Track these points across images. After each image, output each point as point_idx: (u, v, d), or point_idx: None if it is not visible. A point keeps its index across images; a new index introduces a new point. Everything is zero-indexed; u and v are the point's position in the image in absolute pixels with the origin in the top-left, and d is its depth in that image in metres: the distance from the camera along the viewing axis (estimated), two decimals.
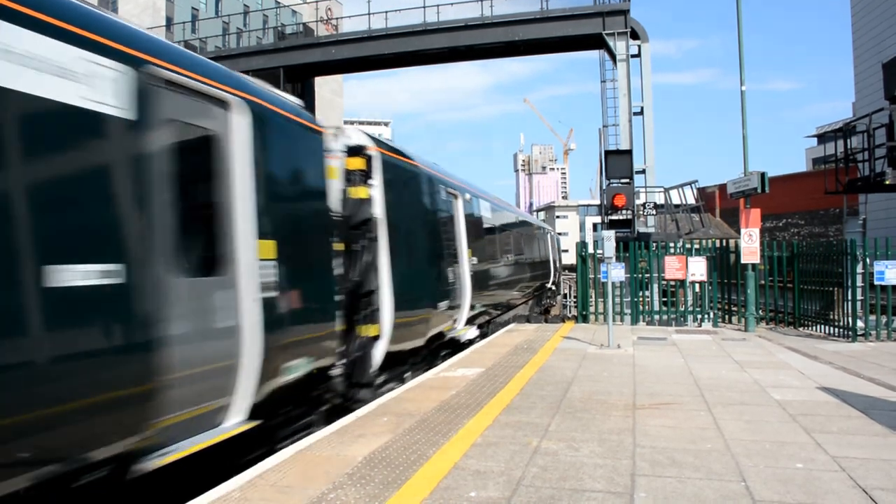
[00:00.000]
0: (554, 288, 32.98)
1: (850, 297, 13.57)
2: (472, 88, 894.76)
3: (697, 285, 16.65)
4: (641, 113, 25.61)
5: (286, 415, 6.71)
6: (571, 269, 34.38)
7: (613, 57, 26.10)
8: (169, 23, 61.70)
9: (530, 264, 24.10)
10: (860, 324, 13.50)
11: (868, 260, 13.56)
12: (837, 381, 9.13)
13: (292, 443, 6.41)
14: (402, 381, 9.74)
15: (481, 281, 14.88)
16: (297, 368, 6.52)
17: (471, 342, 13.60)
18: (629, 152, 23.21)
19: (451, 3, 29.72)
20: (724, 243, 17.41)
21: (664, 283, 16.84)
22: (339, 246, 7.84)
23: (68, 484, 4.02)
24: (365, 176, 8.67)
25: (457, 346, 12.88)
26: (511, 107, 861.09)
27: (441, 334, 11.89)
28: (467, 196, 14.49)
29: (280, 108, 6.83)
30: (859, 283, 13.53)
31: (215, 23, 58.96)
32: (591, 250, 17.24)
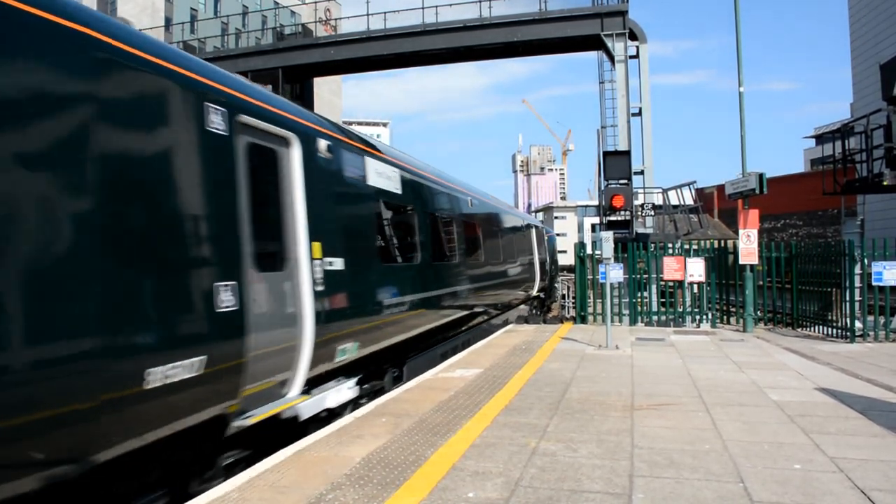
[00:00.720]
0: (543, 296, 27.57)
1: (848, 298, 13.58)
2: (470, 89, 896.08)
3: (696, 286, 16.66)
4: (640, 114, 25.60)
5: None
6: (570, 269, 34.23)
7: (612, 58, 26.11)
8: (168, 23, 61.71)
9: (497, 270, 17.55)
10: (858, 325, 13.51)
11: (866, 261, 13.57)
12: (836, 381, 9.14)
13: None
14: None
15: (362, 299, 8.52)
16: None
17: (336, 413, 7.58)
18: (627, 153, 23.20)
19: (450, 4, 29.74)
20: (723, 244, 17.42)
21: (662, 283, 16.84)
22: None
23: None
24: None
25: (294, 429, 6.75)
26: (509, 107, 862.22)
27: (214, 424, 5.63)
28: (323, 146, 7.81)
29: None
30: (857, 283, 13.55)
31: (214, 23, 58.92)
32: (589, 251, 17.25)
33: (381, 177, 9.67)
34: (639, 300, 17.05)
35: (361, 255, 8.62)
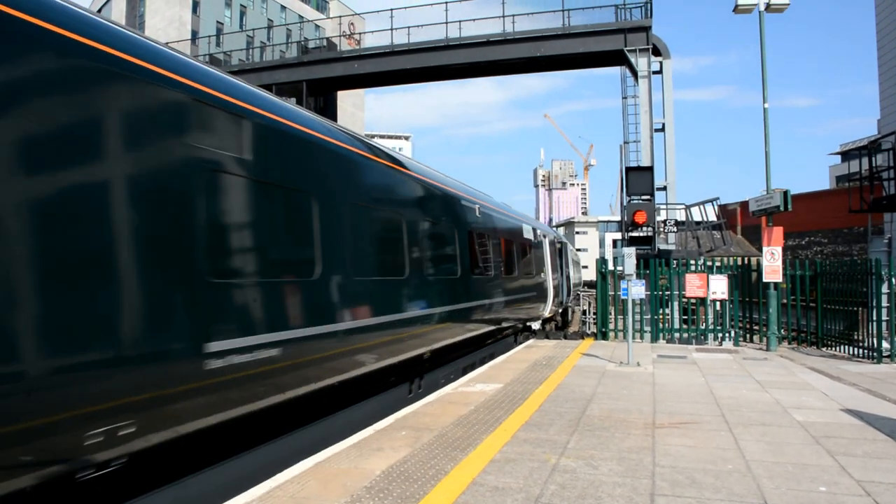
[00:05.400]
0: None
1: (875, 318, 13.38)
2: (490, 104, 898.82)
3: (718, 303, 16.51)
4: (663, 129, 25.49)
5: None
6: (591, 285, 33.97)
7: (635, 73, 26.03)
8: (194, 36, 62.53)
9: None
10: (885, 345, 13.30)
11: (894, 280, 13.37)
12: (862, 403, 9.00)
13: None
14: None
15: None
16: None
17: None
18: (650, 169, 23.08)
19: (474, 20, 29.79)
20: (746, 261, 17.27)
21: (685, 300, 16.71)
22: None
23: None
24: None
25: None
26: (528, 122, 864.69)
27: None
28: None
29: None
30: (885, 303, 13.34)
31: (240, 36, 59.68)
32: (611, 267, 17.16)
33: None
34: (660, 317, 16.93)
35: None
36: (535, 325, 19.89)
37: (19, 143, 3.87)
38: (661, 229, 23.36)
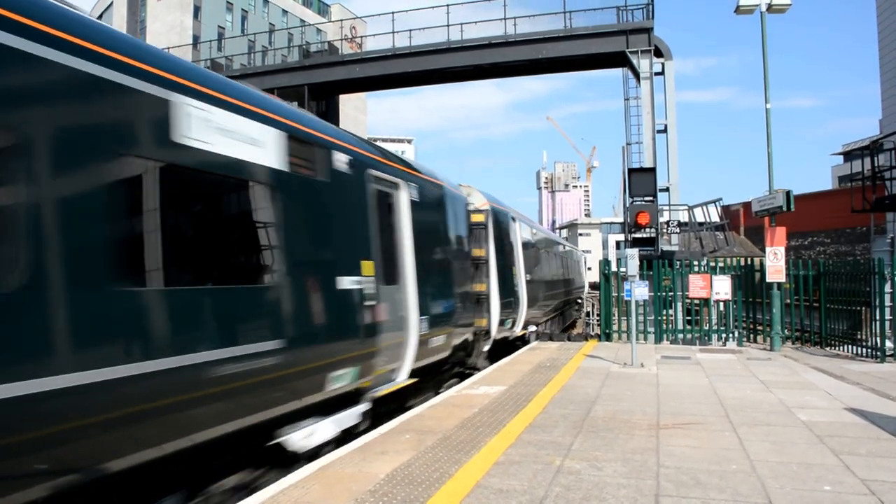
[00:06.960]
0: None
1: (878, 317, 13.35)
2: (491, 107, 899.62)
3: (722, 304, 16.51)
4: (665, 131, 25.51)
5: None
6: (595, 287, 33.91)
7: (637, 74, 26.06)
8: (196, 41, 62.70)
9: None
10: (889, 344, 13.27)
11: None
12: (866, 402, 8.98)
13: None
14: None
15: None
16: None
17: None
18: (653, 170, 23.08)
19: (475, 22, 29.89)
20: (749, 262, 17.26)
21: (688, 301, 16.71)
22: None
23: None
24: None
25: None
26: (530, 124, 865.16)
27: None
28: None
29: None
30: (888, 302, 13.31)
31: (241, 41, 59.80)
32: (614, 268, 17.18)
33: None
34: (664, 318, 16.93)
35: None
36: (326, 434, 6.78)
37: None
38: (664, 230, 23.37)
